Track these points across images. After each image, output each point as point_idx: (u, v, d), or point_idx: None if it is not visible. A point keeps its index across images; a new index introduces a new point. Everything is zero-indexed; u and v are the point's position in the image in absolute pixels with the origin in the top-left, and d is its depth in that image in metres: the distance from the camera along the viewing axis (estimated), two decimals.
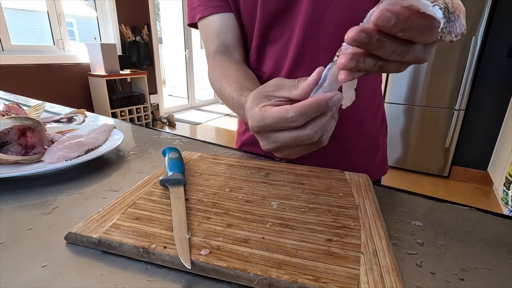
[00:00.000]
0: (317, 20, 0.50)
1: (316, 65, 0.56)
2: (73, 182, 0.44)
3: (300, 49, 0.53)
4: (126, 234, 0.29)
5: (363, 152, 0.62)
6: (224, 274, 0.25)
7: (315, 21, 0.50)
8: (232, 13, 0.55)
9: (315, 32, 0.51)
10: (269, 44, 0.56)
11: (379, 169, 0.65)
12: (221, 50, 0.56)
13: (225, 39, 0.56)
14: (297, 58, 0.54)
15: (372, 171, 0.63)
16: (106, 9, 3.26)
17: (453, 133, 2.46)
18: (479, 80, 2.38)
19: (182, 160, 0.45)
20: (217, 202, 0.36)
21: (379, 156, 0.65)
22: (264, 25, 0.53)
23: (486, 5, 2.14)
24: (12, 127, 0.48)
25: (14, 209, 0.37)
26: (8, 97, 1.14)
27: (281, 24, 0.53)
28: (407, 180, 2.57)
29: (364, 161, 0.62)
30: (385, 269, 0.25)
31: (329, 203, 0.37)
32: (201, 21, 0.57)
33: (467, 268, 0.28)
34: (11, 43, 2.59)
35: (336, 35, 0.51)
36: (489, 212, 0.39)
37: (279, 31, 0.53)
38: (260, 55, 0.58)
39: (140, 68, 3.56)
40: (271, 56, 0.56)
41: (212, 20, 0.56)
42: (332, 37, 0.51)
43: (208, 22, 0.56)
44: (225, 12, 0.55)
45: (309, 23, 0.50)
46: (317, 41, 0.52)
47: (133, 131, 0.73)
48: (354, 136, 0.60)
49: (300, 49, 0.53)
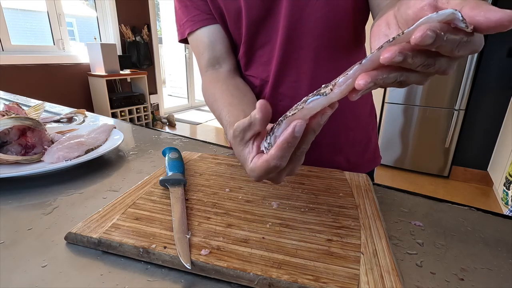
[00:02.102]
0: (296, 20, 0.51)
1: (300, 66, 0.56)
2: (73, 182, 0.44)
3: (284, 51, 0.54)
4: (126, 234, 0.29)
5: (355, 145, 0.63)
6: (224, 274, 0.25)
7: (295, 21, 0.51)
8: (219, 24, 0.57)
9: (296, 32, 0.52)
10: (257, 50, 0.57)
11: (372, 159, 0.67)
12: (212, 64, 0.58)
13: (215, 50, 0.58)
14: (282, 60, 0.55)
15: (366, 162, 0.65)
16: (106, 9, 3.26)
17: (453, 133, 2.46)
18: (479, 80, 2.38)
19: (182, 160, 0.45)
20: (217, 202, 0.36)
21: (371, 147, 0.66)
22: (250, 32, 0.54)
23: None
24: (12, 127, 0.48)
25: (14, 209, 0.37)
26: (8, 97, 1.14)
27: (266, 29, 0.54)
28: (407, 180, 2.57)
29: (357, 153, 0.63)
30: (385, 269, 0.25)
31: (329, 203, 0.37)
32: (190, 36, 0.58)
33: (467, 268, 0.28)
34: (11, 43, 2.59)
35: (315, 33, 0.52)
36: (489, 212, 0.39)
37: (265, 36, 0.55)
38: (249, 61, 0.59)
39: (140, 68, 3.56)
40: (260, 61, 0.58)
41: (201, 33, 0.57)
42: (312, 35, 0.52)
43: (197, 36, 0.58)
44: (212, 24, 0.57)
45: (290, 24, 0.51)
46: (298, 41, 0.53)
47: (133, 131, 0.73)
48: (344, 130, 0.61)
49: (284, 51, 0.54)
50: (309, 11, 0.51)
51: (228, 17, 0.55)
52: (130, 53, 3.48)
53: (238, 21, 0.54)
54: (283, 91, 0.58)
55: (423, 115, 2.53)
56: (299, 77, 0.56)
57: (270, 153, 0.28)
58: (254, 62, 0.59)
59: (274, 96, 0.59)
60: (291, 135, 0.26)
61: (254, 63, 0.59)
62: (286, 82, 0.57)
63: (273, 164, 0.28)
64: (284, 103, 0.59)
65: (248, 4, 0.51)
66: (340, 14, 0.51)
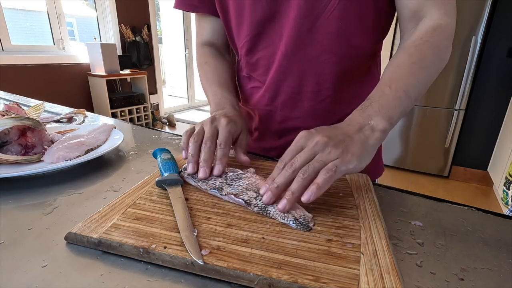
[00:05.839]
0: (307, 31, 0.50)
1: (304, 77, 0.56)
2: (73, 182, 0.44)
3: (288, 61, 0.53)
4: (126, 234, 0.29)
5: None
6: (224, 274, 0.25)
7: (305, 31, 0.50)
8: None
9: (304, 43, 0.51)
10: (258, 52, 0.56)
11: (372, 171, 0.64)
12: (209, 44, 0.64)
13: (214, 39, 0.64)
14: (284, 69, 0.54)
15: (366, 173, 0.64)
16: (106, 9, 3.26)
17: (453, 133, 2.46)
18: (479, 80, 2.38)
19: (175, 160, 0.45)
20: (217, 202, 0.36)
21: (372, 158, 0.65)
22: (253, 32, 0.54)
23: (486, 5, 2.14)
24: (12, 127, 0.48)
25: (14, 209, 0.37)
26: (8, 97, 1.14)
27: (269, 32, 0.53)
28: (407, 180, 2.57)
29: None
30: (385, 269, 0.25)
31: (329, 203, 0.37)
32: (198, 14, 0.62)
33: (467, 268, 0.28)
34: (11, 43, 2.59)
35: (324, 48, 0.50)
36: (489, 212, 0.39)
37: (267, 39, 0.54)
38: (249, 62, 0.59)
39: (140, 68, 3.55)
40: (259, 63, 0.57)
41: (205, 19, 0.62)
42: (321, 49, 0.51)
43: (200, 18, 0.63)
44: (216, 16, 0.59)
45: (298, 34, 0.50)
46: (304, 52, 0.51)
47: (133, 131, 0.73)
48: None
49: (288, 60, 0.53)
50: (320, 23, 0.49)
51: (232, 14, 0.55)
52: (130, 53, 3.48)
53: (240, 17, 0.54)
54: (283, 100, 0.57)
55: (423, 115, 2.53)
56: (301, 89, 0.55)
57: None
58: (253, 64, 0.58)
59: (273, 103, 0.59)
60: None
61: (253, 65, 0.58)
62: (286, 92, 0.56)
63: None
64: (284, 113, 0.58)
65: (254, 3, 0.50)
66: (354, 30, 0.49)
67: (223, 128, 0.44)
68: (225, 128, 0.44)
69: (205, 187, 0.38)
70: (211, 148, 0.42)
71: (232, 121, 0.46)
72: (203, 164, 0.40)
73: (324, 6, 0.47)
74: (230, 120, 0.45)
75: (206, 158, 0.41)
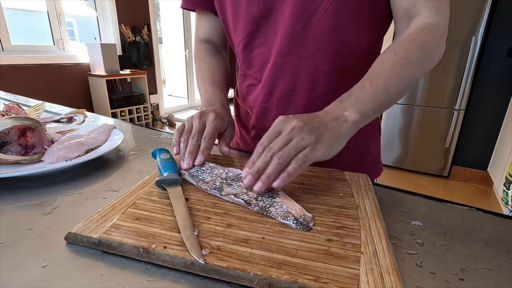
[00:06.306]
0: (301, 28, 0.50)
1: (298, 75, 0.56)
2: (73, 182, 0.44)
3: (283, 58, 0.53)
4: (126, 234, 0.29)
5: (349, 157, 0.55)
6: (224, 274, 0.25)
7: (299, 29, 0.50)
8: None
9: (299, 40, 0.51)
10: (254, 49, 0.57)
11: (371, 172, 0.64)
12: (206, 41, 0.67)
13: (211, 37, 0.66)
14: (279, 66, 0.54)
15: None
16: (106, 9, 3.26)
17: (453, 133, 2.46)
18: (479, 80, 2.38)
19: (174, 160, 0.45)
20: (217, 202, 0.36)
21: (368, 159, 0.64)
22: (249, 29, 0.54)
23: (486, 5, 2.14)
24: (12, 127, 0.48)
25: (14, 209, 0.37)
26: (8, 97, 1.14)
27: (264, 29, 0.53)
28: (407, 180, 2.57)
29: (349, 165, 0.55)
30: (385, 269, 0.25)
31: (329, 203, 0.37)
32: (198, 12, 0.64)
33: (467, 268, 0.28)
34: (11, 43, 2.59)
35: (319, 45, 0.51)
36: (489, 212, 0.39)
37: (263, 36, 0.54)
38: (245, 59, 0.59)
39: (140, 68, 3.55)
40: (255, 60, 0.58)
41: (204, 17, 0.64)
42: (315, 46, 0.51)
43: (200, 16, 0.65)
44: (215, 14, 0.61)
45: (293, 31, 0.50)
46: (298, 50, 0.52)
47: (133, 131, 0.73)
48: None
49: (283, 57, 0.53)
50: (315, 21, 0.49)
51: (229, 11, 0.55)
52: (130, 53, 3.47)
53: (237, 15, 0.54)
54: (278, 98, 0.57)
55: (423, 115, 2.53)
56: (295, 86, 0.55)
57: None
58: (250, 60, 0.59)
59: (268, 101, 0.59)
60: None
61: (250, 62, 0.59)
62: (282, 89, 0.56)
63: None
64: (279, 110, 0.58)
65: (250, 0, 0.51)
66: (349, 28, 0.50)
67: (210, 123, 0.47)
68: (212, 122, 0.47)
69: (205, 187, 0.38)
70: (198, 142, 0.45)
71: (219, 116, 0.49)
72: (187, 156, 0.43)
73: (319, 3, 0.48)
74: (217, 116, 0.48)
75: (191, 151, 0.44)
